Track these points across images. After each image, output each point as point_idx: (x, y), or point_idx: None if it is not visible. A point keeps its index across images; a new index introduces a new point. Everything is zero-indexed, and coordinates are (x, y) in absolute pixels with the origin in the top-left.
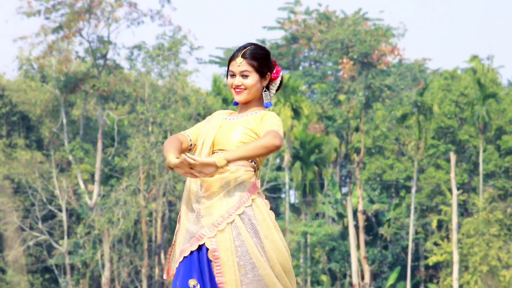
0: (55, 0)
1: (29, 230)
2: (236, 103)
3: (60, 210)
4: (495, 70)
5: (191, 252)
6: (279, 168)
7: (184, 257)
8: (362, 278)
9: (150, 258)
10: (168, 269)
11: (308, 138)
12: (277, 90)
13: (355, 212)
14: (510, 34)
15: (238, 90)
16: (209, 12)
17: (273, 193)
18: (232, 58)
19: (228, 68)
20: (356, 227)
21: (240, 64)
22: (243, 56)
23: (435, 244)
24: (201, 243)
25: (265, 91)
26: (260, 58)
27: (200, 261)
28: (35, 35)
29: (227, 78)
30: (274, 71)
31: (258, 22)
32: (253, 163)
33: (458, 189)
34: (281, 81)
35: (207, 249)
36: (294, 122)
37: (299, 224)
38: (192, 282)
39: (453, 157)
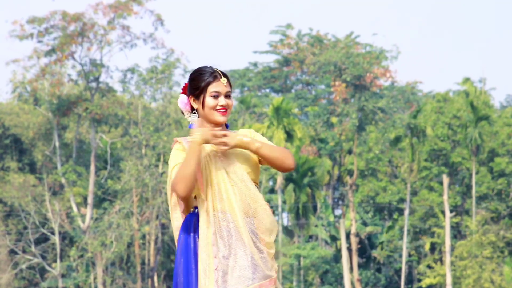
0: (47, 23)
1: (22, 253)
2: (191, 126)
3: (53, 233)
4: (487, 93)
5: None
6: (272, 191)
7: None
8: None
9: (143, 281)
10: None
11: (301, 160)
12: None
13: (348, 235)
14: (502, 56)
15: (223, 110)
16: (202, 34)
17: None
18: (213, 80)
19: (205, 89)
20: (349, 249)
21: (226, 84)
22: (225, 77)
23: (428, 266)
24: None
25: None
26: None
27: None
28: (27, 58)
29: (203, 99)
30: None
31: (250, 45)
32: None
33: (451, 211)
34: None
35: None
36: (287, 144)
37: (292, 246)
38: None
39: (446, 179)
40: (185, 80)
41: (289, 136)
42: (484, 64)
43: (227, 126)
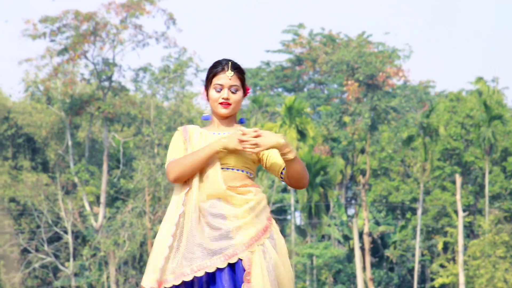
0: (60, 22)
1: (35, 252)
2: (206, 118)
3: (66, 232)
4: (500, 92)
5: (217, 269)
6: (285, 190)
7: (206, 272)
8: None
9: None
10: (161, 282)
11: (314, 160)
12: None
13: (361, 234)
14: None
15: (226, 104)
16: (215, 33)
17: (279, 214)
18: (218, 71)
19: (210, 81)
20: (362, 249)
21: (231, 77)
22: (232, 70)
23: (441, 266)
24: (232, 261)
25: None
26: (244, 74)
27: (230, 279)
28: (40, 58)
29: (207, 90)
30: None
31: (263, 44)
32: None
33: (464, 211)
34: None
35: (235, 267)
36: (299, 144)
37: (305, 246)
38: None
39: (458, 179)
40: (197, 79)
41: (302, 136)
42: (497, 63)
43: (242, 121)
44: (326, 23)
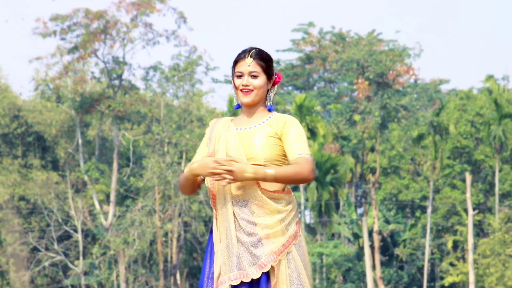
0: (70, 21)
1: (45, 250)
2: (238, 106)
3: (76, 231)
4: (511, 90)
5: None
6: (295, 188)
7: (243, 282)
8: None
9: (165, 278)
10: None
11: (324, 158)
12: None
13: (370, 233)
14: None
15: (246, 90)
16: (225, 32)
17: None
18: (238, 59)
19: (233, 70)
20: (372, 247)
21: (250, 64)
22: (252, 57)
23: (451, 264)
24: (265, 270)
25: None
26: (268, 60)
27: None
28: (50, 56)
29: (232, 79)
30: (276, 76)
31: (273, 43)
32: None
33: (473, 209)
34: None
35: (264, 276)
36: (309, 142)
37: (314, 244)
38: None
39: (468, 177)
40: (207, 78)
41: (312, 134)
42: (507, 61)
43: (269, 108)
44: (336, 21)
